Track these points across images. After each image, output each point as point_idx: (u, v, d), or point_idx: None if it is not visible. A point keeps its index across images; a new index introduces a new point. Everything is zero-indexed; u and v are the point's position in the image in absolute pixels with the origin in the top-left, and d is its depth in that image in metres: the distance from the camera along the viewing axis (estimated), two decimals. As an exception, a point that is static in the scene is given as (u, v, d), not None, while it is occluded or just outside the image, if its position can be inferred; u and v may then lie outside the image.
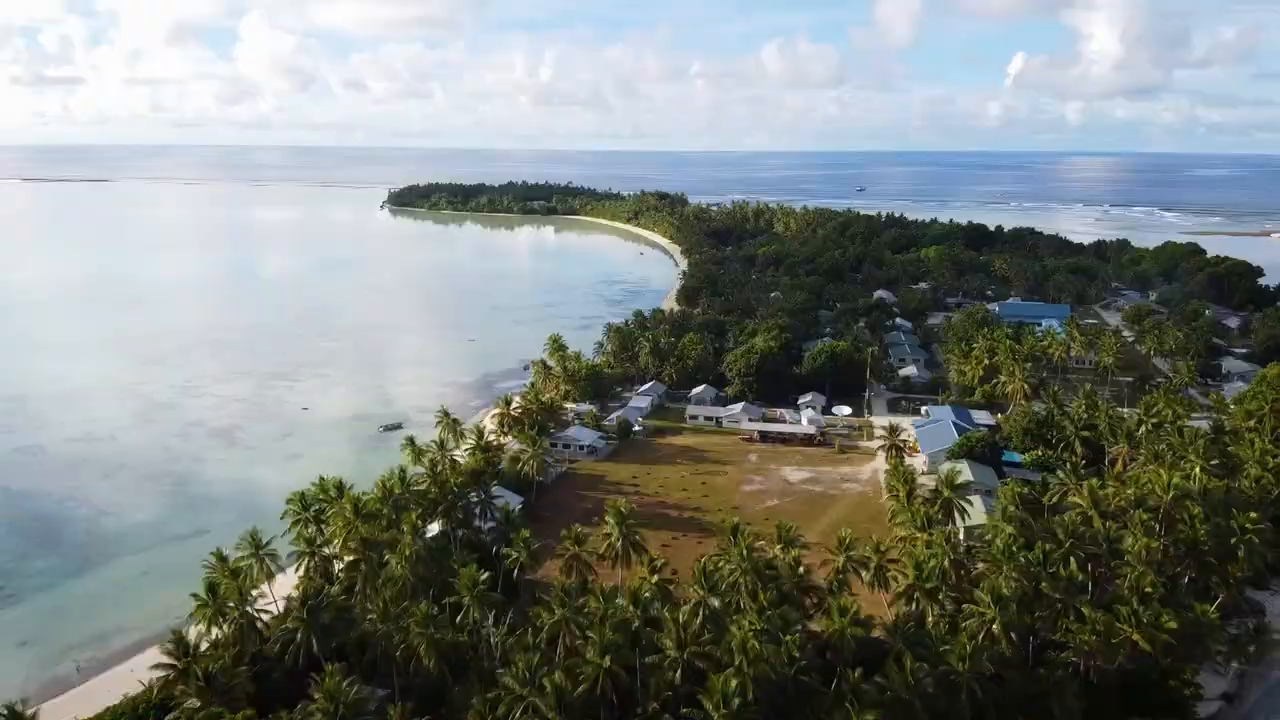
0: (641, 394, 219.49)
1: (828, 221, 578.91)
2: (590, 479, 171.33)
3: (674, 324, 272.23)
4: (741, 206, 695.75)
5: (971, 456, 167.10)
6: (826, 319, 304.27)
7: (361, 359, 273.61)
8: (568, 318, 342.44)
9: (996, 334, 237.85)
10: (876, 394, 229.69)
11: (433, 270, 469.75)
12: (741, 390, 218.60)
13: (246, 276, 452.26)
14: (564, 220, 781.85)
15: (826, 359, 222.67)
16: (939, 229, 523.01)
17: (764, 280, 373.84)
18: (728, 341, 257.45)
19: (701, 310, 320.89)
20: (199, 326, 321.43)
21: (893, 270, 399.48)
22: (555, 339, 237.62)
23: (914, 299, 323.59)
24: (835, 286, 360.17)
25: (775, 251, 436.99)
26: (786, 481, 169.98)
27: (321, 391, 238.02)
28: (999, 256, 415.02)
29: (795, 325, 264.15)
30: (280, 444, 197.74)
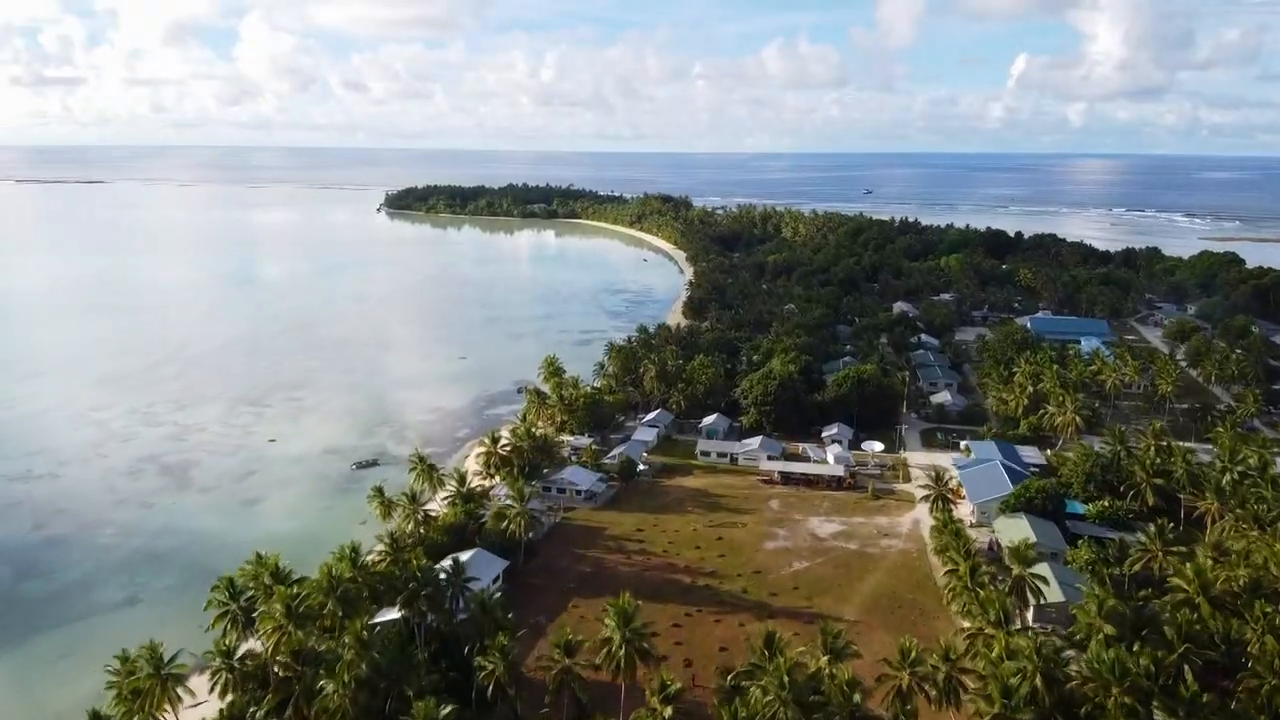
0: (646, 424, 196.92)
1: (839, 227, 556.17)
2: (588, 532, 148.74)
3: (681, 341, 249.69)
4: (748, 210, 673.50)
5: (1030, 509, 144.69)
6: (845, 335, 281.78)
7: (341, 380, 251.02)
8: (566, 331, 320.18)
9: (1040, 357, 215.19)
10: (907, 424, 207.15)
11: (426, 277, 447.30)
12: (758, 421, 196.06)
13: (230, 284, 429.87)
14: (564, 224, 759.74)
15: (852, 385, 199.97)
16: (955, 235, 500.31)
17: (775, 290, 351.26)
18: (740, 362, 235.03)
19: (710, 324, 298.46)
20: (171, 340, 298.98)
21: (911, 280, 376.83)
22: (550, 361, 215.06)
23: (939, 313, 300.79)
24: (853, 298, 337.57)
25: (786, 259, 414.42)
26: (815, 536, 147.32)
27: (293, 420, 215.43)
28: (1023, 266, 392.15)
29: (814, 344, 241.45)
30: (239, 486, 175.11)
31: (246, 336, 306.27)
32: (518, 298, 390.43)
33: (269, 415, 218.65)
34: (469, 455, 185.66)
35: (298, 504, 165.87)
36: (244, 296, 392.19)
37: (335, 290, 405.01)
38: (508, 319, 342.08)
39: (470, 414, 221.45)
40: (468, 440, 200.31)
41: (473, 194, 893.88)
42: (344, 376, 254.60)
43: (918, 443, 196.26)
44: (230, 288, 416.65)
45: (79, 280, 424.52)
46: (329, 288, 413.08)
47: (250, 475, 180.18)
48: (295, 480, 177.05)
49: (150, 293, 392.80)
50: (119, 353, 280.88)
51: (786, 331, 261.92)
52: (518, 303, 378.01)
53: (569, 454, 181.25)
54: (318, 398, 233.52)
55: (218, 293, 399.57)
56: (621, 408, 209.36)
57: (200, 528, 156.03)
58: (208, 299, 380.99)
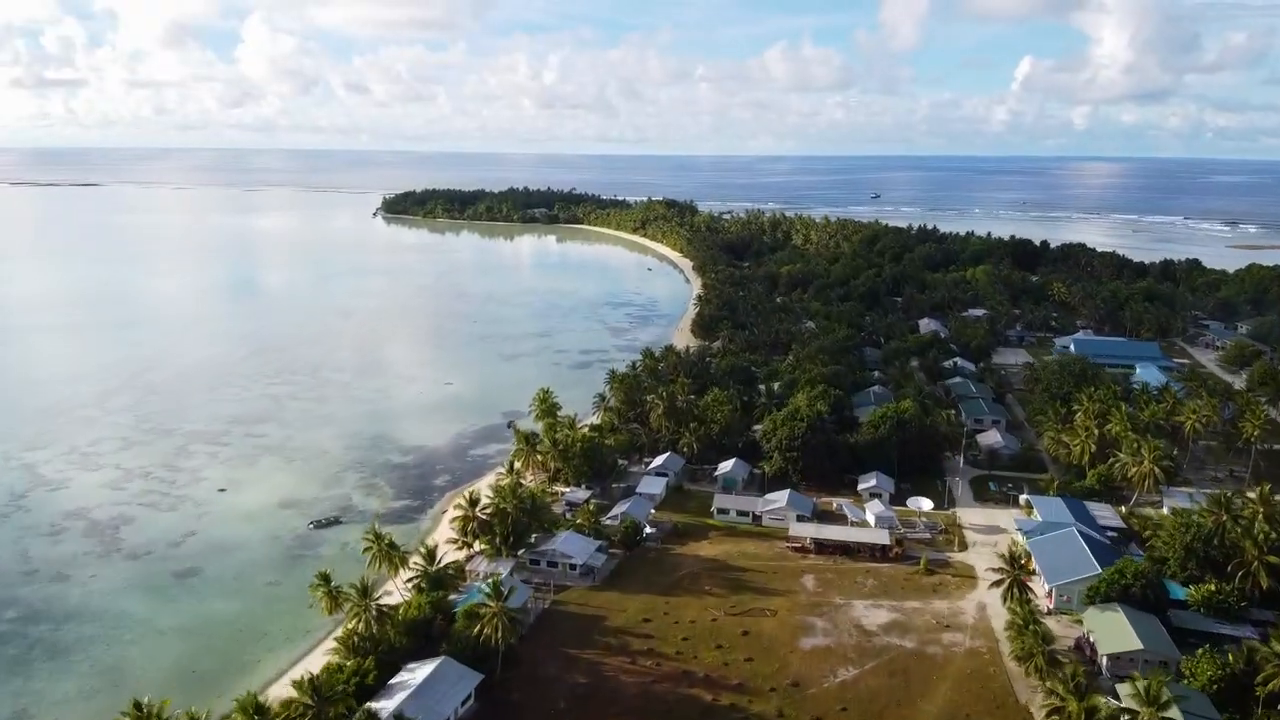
0: (653, 473, 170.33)
1: (853, 234, 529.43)
2: (584, 623, 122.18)
3: (691, 368, 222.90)
4: (756, 216, 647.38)
5: (1127, 597, 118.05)
6: (873, 359, 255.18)
7: (311, 412, 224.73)
8: (564, 352, 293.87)
9: (1103, 393, 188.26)
10: (952, 469, 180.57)
11: (418, 289, 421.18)
12: (782, 468, 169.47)
13: (207, 297, 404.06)
14: (566, 229, 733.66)
15: (891, 427, 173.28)
16: (978, 244, 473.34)
17: (791, 306, 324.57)
18: (758, 394, 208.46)
19: (722, 345, 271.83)
20: (132, 363, 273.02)
21: (937, 293, 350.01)
22: (543, 397, 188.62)
23: (974, 333, 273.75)
24: (876, 315, 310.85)
25: (801, 271, 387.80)
26: (861, 629, 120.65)
27: (250, 462, 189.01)
28: (1056, 279, 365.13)
29: (840, 373, 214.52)
30: (175, 551, 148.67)
31: (216, 359, 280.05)
32: (514, 312, 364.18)
33: (224, 456, 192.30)
34: (446, 510, 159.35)
35: (240, 577, 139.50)
36: (220, 311, 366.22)
37: (319, 304, 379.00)
38: (502, 337, 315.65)
39: (453, 455, 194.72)
40: (447, 491, 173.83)
41: (472, 198, 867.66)
42: (315, 407, 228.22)
43: (967, 494, 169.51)
44: (207, 301, 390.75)
45: (43, 293, 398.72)
46: (313, 301, 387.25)
47: (190, 537, 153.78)
48: (241, 544, 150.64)
49: (119, 307, 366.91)
50: (71, 378, 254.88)
51: (808, 356, 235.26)
52: (513, 318, 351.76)
53: (563, 510, 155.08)
54: (282, 434, 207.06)
55: (192, 307, 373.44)
56: (624, 450, 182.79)
57: (119, 611, 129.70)
58: (180, 314, 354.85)
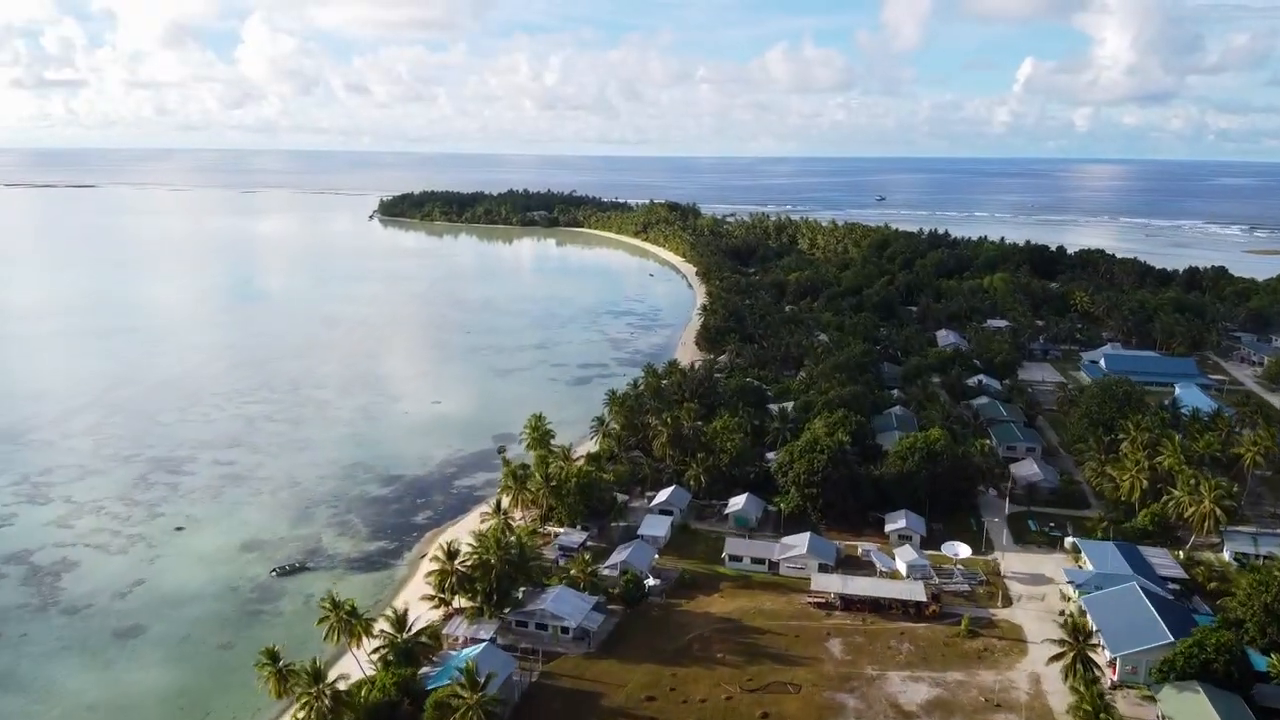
0: (656, 510, 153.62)
1: (862, 239, 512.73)
2: (577, 703, 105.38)
3: (697, 387, 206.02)
4: (761, 220, 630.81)
5: (1207, 673, 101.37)
6: (892, 376, 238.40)
7: (285, 435, 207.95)
8: (562, 365, 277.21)
9: (1152, 420, 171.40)
10: (986, 505, 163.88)
11: (410, 296, 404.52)
12: (800, 505, 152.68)
13: (187, 305, 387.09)
14: (566, 233, 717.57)
15: (921, 460, 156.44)
16: (992, 249, 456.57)
17: (801, 317, 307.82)
18: (770, 417, 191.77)
19: (729, 361, 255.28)
20: (99, 378, 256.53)
21: (954, 303, 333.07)
22: (535, 424, 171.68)
23: (997, 348, 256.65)
24: (892, 328, 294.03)
25: (810, 278, 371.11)
26: (898, 708, 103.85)
27: (214, 495, 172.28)
28: (1078, 289, 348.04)
29: (860, 395, 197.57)
30: (119, 605, 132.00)
31: (190, 373, 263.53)
32: (510, 321, 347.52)
33: (186, 487, 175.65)
34: (427, 553, 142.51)
35: (188, 639, 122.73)
36: (201, 320, 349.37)
37: (306, 312, 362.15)
38: (496, 349, 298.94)
39: (437, 487, 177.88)
40: (428, 530, 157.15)
41: (470, 200, 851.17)
42: (291, 430, 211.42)
43: (1004, 535, 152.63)
44: (188, 310, 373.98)
45: (16, 301, 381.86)
46: (299, 309, 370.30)
47: (138, 586, 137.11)
48: (194, 595, 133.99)
49: (95, 315, 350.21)
50: (34, 395, 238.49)
51: (823, 375, 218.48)
52: (509, 327, 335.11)
53: (556, 556, 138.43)
54: (252, 461, 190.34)
55: (172, 316, 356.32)
56: (625, 481, 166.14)
57: (47, 680, 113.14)
58: (158, 324, 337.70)
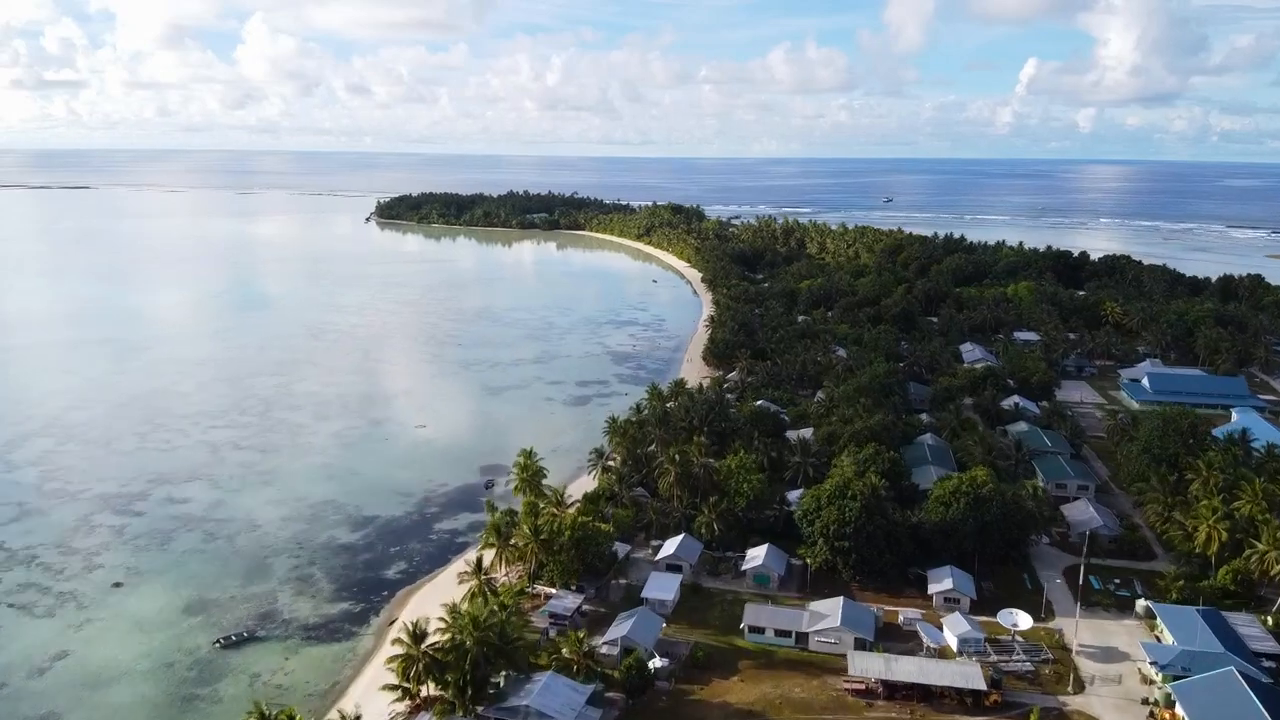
0: (663, 565, 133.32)
1: (875, 244, 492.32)
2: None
3: (707, 413, 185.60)
4: (767, 223, 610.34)
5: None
6: (919, 397, 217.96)
7: (250, 467, 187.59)
8: (559, 383, 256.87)
9: (1224, 458, 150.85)
10: (1039, 556, 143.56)
11: (400, 305, 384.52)
12: (829, 559, 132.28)
13: (163, 315, 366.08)
14: (567, 235, 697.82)
15: (967, 506, 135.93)
16: (1011, 255, 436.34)
17: (815, 329, 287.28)
18: (789, 449, 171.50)
19: (740, 379, 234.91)
20: (57, 397, 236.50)
21: (977, 314, 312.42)
22: (525, 462, 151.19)
23: (1032, 366, 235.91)
24: (914, 341, 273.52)
25: (822, 286, 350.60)
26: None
27: (162, 543, 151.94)
28: (1107, 298, 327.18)
29: (889, 425, 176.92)
30: (35, 685, 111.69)
31: (157, 393, 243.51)
32: (505, 332, 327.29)
33: (133, 532, 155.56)
34: (396, 618, 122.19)
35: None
36: (176, 332, 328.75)
37: (289, 323, 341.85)
38: (489, 364, 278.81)
39: (414, 532, 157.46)
40: (401, 587, 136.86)
41: (469, 203, 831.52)
42: (258, 460, 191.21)
43: (1062, 593, 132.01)
44: (163, 320, 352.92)
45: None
46: (282, 320, 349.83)
47: (59, 661, 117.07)
48: (123, 673, 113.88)
49: (64, 326, 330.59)
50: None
51: (845, 397, 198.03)
52: (504, 339, 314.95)
53: (545, 626, 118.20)
54: (210, 498, 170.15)
55: (145, 327, 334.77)
56: (627, 527, 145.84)
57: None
58: (130, 336, 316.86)
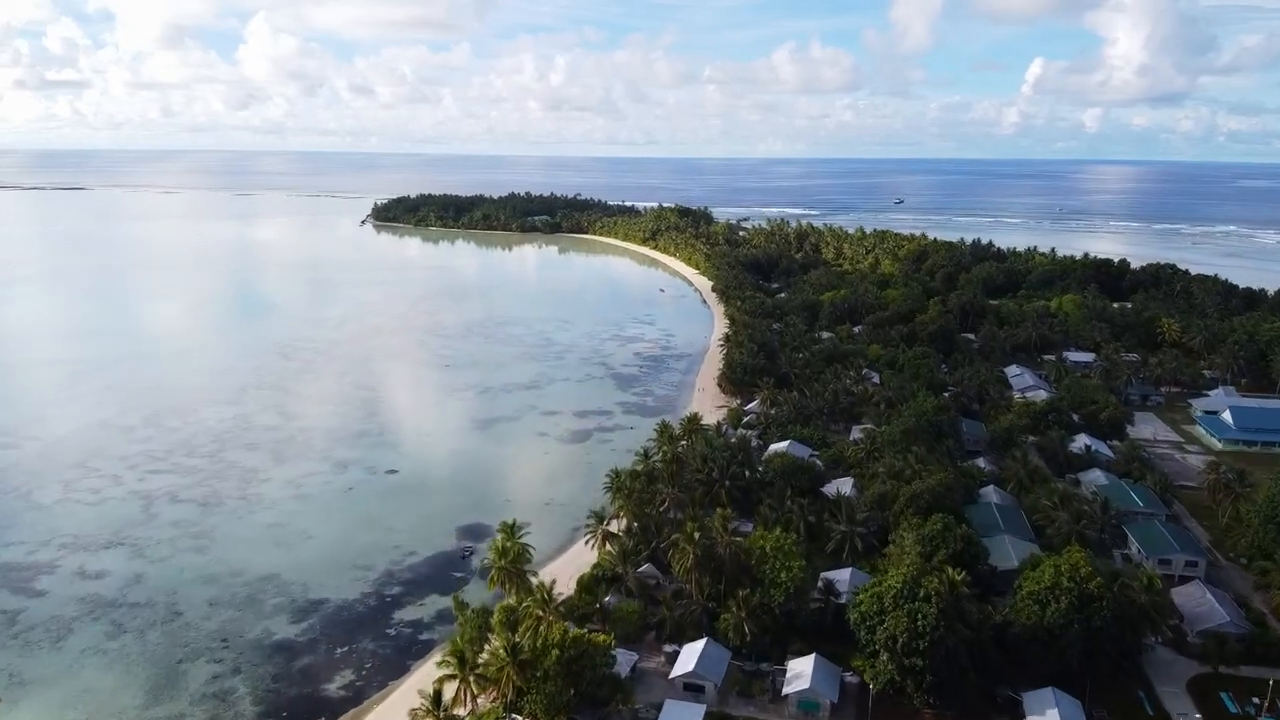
0: (680, 687, 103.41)
1: (896, 250, 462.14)
2: None
3: (728, 463, 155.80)
4: (780, 227, 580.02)
5: None
6: (971, 436, 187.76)
7: (182, 529, 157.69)
8: (555, 414, 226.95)
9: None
10: (1153, 664, 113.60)
11: (385, 318, 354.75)
12: (895, 680, 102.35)
13: (125, 331, 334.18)
14: (569, 239, 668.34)
15: (1070, 606, 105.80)
16: (1045, 263, 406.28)
17: (844, 349, 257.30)
18: (830, 511, 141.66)
19: (762, 411, 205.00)
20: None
21: (1019, 332, 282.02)
22: (504, 544, 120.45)
23: (1101, 400, 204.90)
24: (958, 365, 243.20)
25: (847, 299, 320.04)
26: None
27: (56, 639, 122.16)
28: (1163, 315, 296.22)
29: (952, 485, 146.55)
30: None
31: (99, 425, 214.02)
32: (498, 351, 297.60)
33: (27, 621, 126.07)
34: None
35: None
36: (136, 350, 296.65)
37: (259, 340, 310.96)
38: (478, 389, 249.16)
39: (368, 626, 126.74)
40: (344, 711, 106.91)
41: (468, 205, 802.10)
42: (195, 518, 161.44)
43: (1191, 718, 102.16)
44: (125, 337, 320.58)
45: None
46: (253, 337, 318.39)
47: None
48: None
49: (6, 346, 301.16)
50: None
51: (891, 441, 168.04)
52: (496, 359, 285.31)
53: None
54: (128, 571, 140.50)
55: (102, 345, 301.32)
56: (633, 626, 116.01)
57: None
58: (84, 357, 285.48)
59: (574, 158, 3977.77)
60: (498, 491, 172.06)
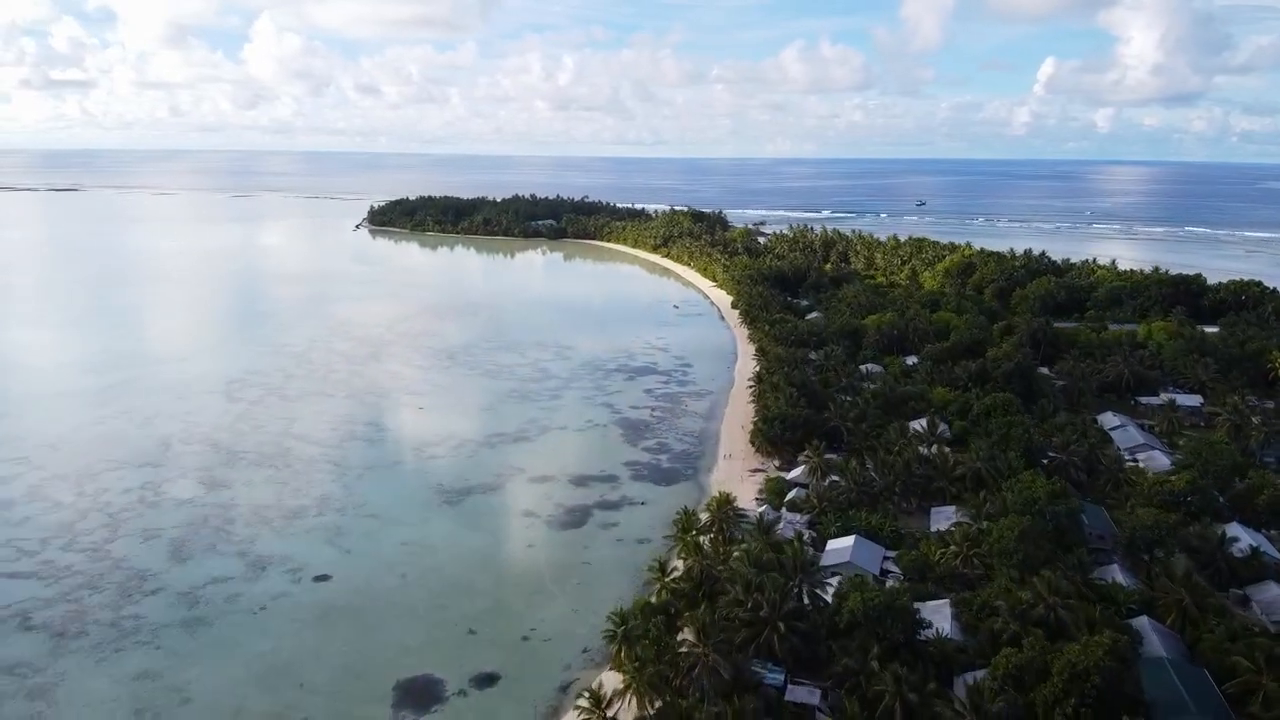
0: None
1: (936, 260, 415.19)
2: None
3: (784, 597, 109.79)
4: (803, 233, 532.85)
5: None
6: (1095, 530, 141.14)
7: (17, 678, 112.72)
8: (546, 482, 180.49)
9: None
10: None
11: (357, 345, 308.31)
12: None
13: (45, 363, 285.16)
14: (575, 245, 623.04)
15: None
16: (1109, 277, 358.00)
17: (902, 390, 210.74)
18: (939, 686, 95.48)
19: (814, 488, 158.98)
20: None
21: (1108, 367, 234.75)
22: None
23: (1258, 480, 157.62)
24: (1044, 416, 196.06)
25: (894, 324, 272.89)
26: None
27: None
28: (1276, 349, 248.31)
29: (1124, 654, 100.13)
30: None
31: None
32: (483, 388, 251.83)
33: None
34: None
35: None
36: (49, 391, 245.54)
37: (202, 376, 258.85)
38: (453, 444, 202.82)
39: None
40: None
41: (469, 208, 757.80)
42: (42, 661, 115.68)
43: None
44: (41, 372, 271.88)
45: None
46: (198, 371, 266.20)
47: None
48: None
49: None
50: None
51: (1004, 552, 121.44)
52: (480, 399, 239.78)
53: None
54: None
55: (13, 383, 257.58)
56: None
57: None
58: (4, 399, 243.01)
59: (583, 158, 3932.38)
60: (460, 614, 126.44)
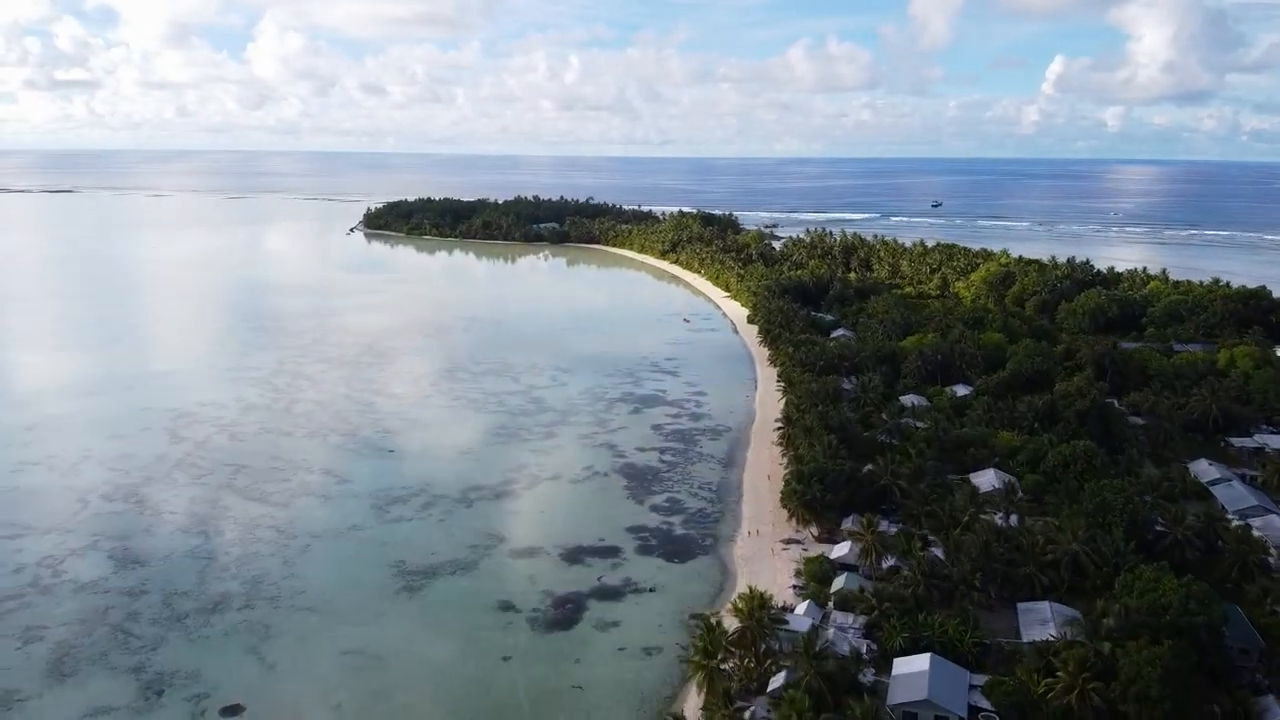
0: None
1: (968, 269, 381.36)
2: None
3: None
4: (821, 238, 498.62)
5: None
6: (1236, 643, 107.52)
7: None
8: (529, 558, 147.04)
9: None
10: None
11: (328, 368, 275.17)
12: None
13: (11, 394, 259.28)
14: (578, 250, 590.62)
15: None
16: (1165, 292, 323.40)
17: (960, 435, 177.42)
18: None
19: (867, 571, 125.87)
20: None
21: (1194, 403, 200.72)
22: None
23: None
24: (1130, 467, 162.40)
25: (935, 347, 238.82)
26: None
27: None
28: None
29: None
30: None
31: None
32: (465, 423, 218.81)
33: None
34: None
35: None
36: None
37: (147, 409, 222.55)
38: (420, 504, 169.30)
39: None
40: None
41: (468, 211, 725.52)
42: None
43: None
44: None
45: None
46: (141, 402, 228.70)
47: None
48: None
49: None
50: None
51: (1142, 697, 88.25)
52: (459, 438, 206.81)
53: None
54: None
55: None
56: None
57: None
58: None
59: (589, 158, 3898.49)
60: None
